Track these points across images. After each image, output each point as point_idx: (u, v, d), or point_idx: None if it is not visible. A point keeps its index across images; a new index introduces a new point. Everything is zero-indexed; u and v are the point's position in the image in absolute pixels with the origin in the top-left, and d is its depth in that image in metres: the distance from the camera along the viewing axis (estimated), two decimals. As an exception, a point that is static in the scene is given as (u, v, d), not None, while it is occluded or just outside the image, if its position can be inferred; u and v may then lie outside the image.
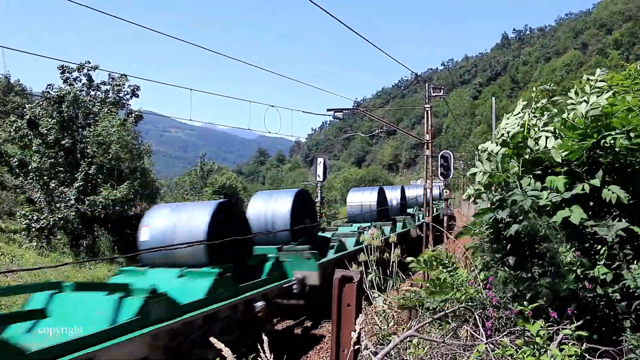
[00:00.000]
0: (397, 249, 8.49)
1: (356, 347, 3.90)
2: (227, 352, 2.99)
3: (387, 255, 8.89)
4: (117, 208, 27.59)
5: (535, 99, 6.20)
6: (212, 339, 2.98)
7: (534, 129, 5.50)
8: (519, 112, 5.83)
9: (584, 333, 3.65)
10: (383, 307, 6.54)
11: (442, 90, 25.40)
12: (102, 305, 8.22)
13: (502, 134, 5.58)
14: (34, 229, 25.38)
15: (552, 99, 5.93)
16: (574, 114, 4.88)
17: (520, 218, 4.56)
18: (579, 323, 3.82)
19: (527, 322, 3.87)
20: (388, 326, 6.41)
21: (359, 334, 4.00)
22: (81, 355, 6.92)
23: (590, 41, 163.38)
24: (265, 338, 3.62)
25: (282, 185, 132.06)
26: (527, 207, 4.42)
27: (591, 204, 4.67)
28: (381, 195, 26.90)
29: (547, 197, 4.55)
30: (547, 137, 5.01)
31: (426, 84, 24.87)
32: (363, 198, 26.04)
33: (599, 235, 4.28)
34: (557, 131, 5.14)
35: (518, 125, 5.51)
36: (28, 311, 8.40)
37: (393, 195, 30.65)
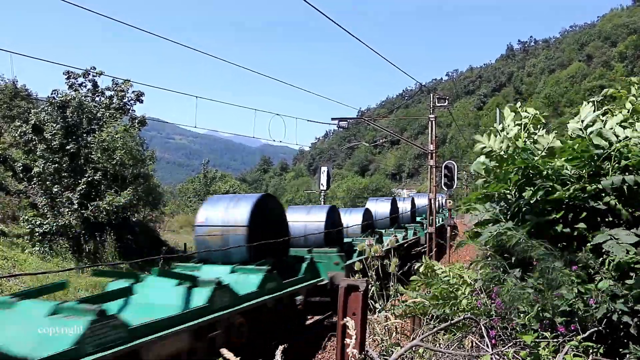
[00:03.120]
0: (396, 258, 8.44)
1: (360, 356, 3.88)
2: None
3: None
4: (120, 214, 27.62)
5: (525, 111, 6.21)
6: (223, 350, 3.01)
7: (529, 139, 5.51)
8: (509, 124, 5.83)
9: (590, 344, 3.63)
10: (386, 317, 6.51)
11: (446, 101, 25.39)
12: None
13: (495, 150, 5.56)
14: (37, 234, 25.35)
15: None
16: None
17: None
18: (584, 335, 3.81)
19: (531, 334, 3.85)
20: (391, 336, 6.38)
21: (364, 343, 3.99)
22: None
23: (595, 53, 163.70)
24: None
25: (285, 193, 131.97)
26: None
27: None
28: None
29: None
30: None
31: (431, 94, 24.91)
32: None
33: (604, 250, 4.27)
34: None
35: (506, 138, 5.52)
36: None
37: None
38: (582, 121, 4.84)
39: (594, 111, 5.07)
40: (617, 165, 4.66)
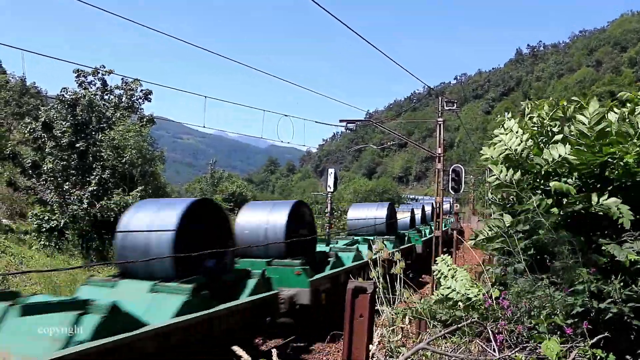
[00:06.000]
0: (402, 262, 8.41)
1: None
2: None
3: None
4: (128, 213, 27.73)
5: (540, 110, 6.19)
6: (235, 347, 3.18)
7: (542, 143, 5.52)
8: (517, 128, 5.84)
9: (599, 352, 3.61)
10: (393, 318, 6.52)
11: (454, 104, 25.30)
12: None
13: (505, 149, 5.59)
14: (44, 229, 25.46)
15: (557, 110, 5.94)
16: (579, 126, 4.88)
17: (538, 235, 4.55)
18: (593, 340, 3.80)
19: (540, 338, 3.84)
20: (397, 339, 6.39)
21: (370, 346, 3.99)
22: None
23: (604, 59, 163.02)
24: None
25: (292, 194, 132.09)
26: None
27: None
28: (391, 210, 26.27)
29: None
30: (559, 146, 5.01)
31: (439, 98, 24.84)
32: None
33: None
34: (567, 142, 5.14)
35: (520, 139, 5.52)
36: None
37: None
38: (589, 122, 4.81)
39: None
40: (616, 172, 4.68)
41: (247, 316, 10.26)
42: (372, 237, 21.06)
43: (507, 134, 5.69)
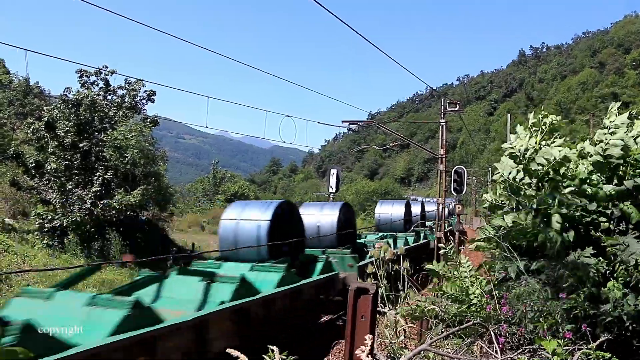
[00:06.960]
0: (407, 261, 8.37)
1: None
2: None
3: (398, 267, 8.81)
4: (129, 213, 27.75)
5: (543, 117, 6.21)
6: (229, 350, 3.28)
7: (546, 146, 5.52)
8: (527, 132, 5.87)
9: (606, 354, 3.60)
10: (396, 319, 6.50)
11: (457, 106, 25.28)
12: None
13: (514, 150, 5.62)
14: (46, 229, 25.61)
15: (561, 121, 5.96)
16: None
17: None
18: (596, 343, 3.78)
19: (542, 340, 3.83)
20: (399, 340, 6.38)
21: (373, 346, 3.98)
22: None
23: (607, 60, 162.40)
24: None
25: (294, 195, 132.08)
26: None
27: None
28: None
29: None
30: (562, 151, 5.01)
31: (442, 99, 24.83)
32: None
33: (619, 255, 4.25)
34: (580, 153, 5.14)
35: (527, 142, 5.54)
36: None
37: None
38: (610, 127, 4.82)
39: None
40: (633, 171, 4.65)
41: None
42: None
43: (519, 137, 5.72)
